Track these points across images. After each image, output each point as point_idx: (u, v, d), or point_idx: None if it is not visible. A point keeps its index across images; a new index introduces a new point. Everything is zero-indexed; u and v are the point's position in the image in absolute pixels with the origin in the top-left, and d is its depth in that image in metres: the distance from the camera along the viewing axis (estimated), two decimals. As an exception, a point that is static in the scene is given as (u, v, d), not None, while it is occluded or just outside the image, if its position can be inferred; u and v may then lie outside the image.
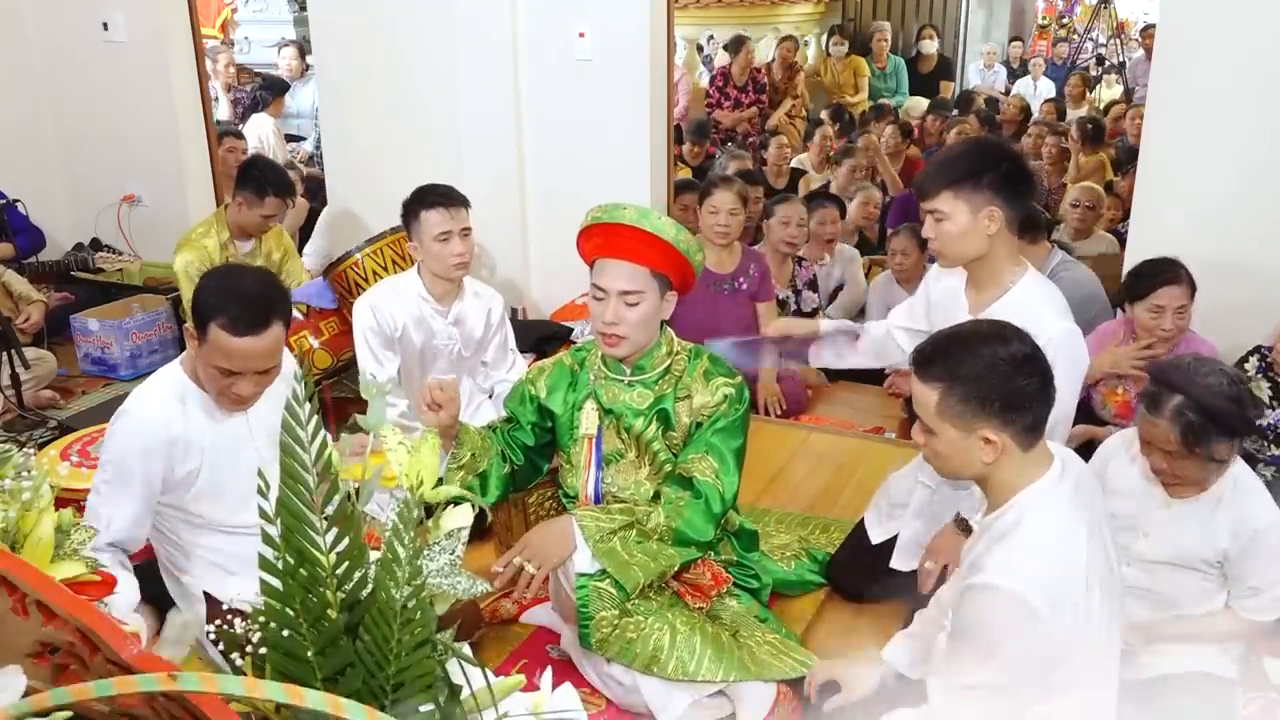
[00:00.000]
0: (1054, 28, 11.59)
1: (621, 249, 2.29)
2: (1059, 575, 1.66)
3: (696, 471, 2.32)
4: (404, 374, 3.22)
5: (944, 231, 2.35)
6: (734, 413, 2.36)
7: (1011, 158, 2.42)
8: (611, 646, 2.25)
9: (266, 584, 1.13)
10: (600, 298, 2.31)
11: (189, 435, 2.25)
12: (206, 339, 2.16)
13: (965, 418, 1.72)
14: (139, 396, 2.27)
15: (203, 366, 2.22)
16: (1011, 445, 1.72)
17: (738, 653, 2.26)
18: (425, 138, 4.57)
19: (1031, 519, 1.71)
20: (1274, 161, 3.34)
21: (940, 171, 2.35)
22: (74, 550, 1.43)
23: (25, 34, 5.10)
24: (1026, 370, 1.71)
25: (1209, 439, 2.08)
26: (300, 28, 8.03)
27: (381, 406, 1.30)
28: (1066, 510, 1.72)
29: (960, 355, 1.73)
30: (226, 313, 2.13)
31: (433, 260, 3.14)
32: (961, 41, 11.16)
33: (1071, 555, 1.68)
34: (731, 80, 7.90)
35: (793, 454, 3.54)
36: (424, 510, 1.22)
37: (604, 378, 2.42)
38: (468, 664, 1.21)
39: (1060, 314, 2.37)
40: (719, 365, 2.43)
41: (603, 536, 2.26)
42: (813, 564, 2.77)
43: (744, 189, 3.91)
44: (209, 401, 2.29)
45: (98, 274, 4.82)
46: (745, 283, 3.95)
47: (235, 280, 2.23)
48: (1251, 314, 3.28)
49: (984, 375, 1.70)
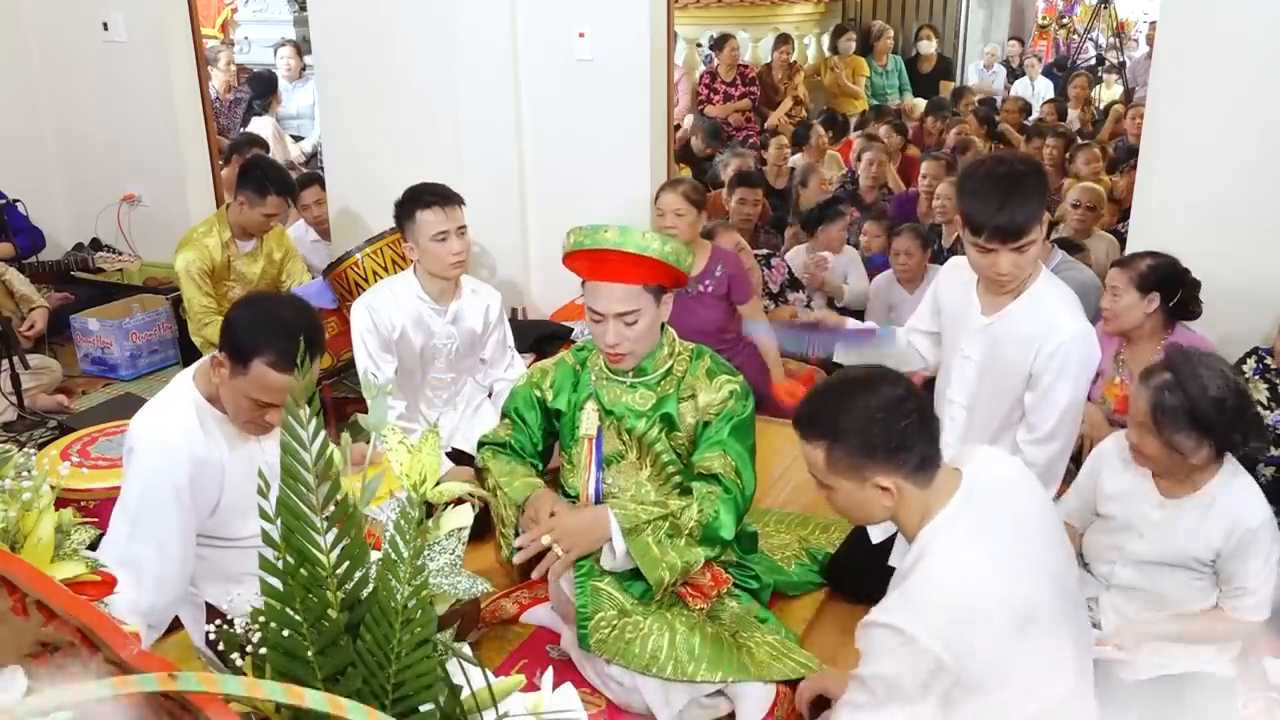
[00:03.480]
0: (1054, 28, 11.58)
1: (610, 272, 2.26)
2: (952, 610, 1.63)
3: (719, 468, 2.33)
4: (403, 375, 3.21)
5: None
6: (742, 410, 2.37)
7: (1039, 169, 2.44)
8: (610, 648, 2.24)
9: (266, 584, 1.13)
10: (598, 320, 2.30)
11: (209, 457, 2.20)
12: (247, 373, 2.10)
13: (855, 469, 1.73)
14: (155, 426, 2.19)
15: (233, 395, 2.16)
16: (907, 486, 1.72)
17: (737, 653, 2.26)
18: (425, 138, 4.57)
19: (928, 558, 1.69)
20: (1273, 161, 3.34)
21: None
22: (74, 550, 1.43)
23: (25, 34, 5.10)
24: (902, 411, 1.71)
25: (1174, 424, 2.11)
26: (300, 28, 8.03)
27: (383, 406, 1.30)
28: (964, 543, 1.69)
29: (836, 411, 1.74)
30: (274, 348, 2.07)
31: (430, 260, 3.13)
32: (961, 42, 11.17)
33: (967, 589, 1.65)
34: (719, 77, 7.92)
35: (793, 454, 3.53)
36: (424, 510, 1.22)
37: (605, 379, 2.42)
38: (468, 664, 1.21)
39: (1075, 313, 2.39)
40: (721, 364, 2.43)
41: (635, 528, 2.26)
42: (813, 564, 2.77)
43: (690, 190, 3.83)
44: (226, 422, 2.24)
45: (98, 274, 4.82)
46: (711, 284, 3.87)
47: (276, 313, 2.16)
48: (1250, 313, 3.28)
49: (863, 426, 1.71)
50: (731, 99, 7.88)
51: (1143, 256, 3.14)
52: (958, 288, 2.56)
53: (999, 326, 2.43)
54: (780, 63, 8.34)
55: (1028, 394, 2.42)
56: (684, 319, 3.70)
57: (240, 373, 2.12)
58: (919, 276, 4.49)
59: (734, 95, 7.90)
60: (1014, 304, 2.40)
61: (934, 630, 1.61)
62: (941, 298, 2.65)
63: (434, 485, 1.25)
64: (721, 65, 7.94)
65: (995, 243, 2.29)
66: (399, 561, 1.12)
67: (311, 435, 1.10)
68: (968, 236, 2.35)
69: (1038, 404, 2.40)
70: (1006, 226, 2.26)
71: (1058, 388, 2.36)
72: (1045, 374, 2.37)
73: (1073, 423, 2.45)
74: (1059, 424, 2.39)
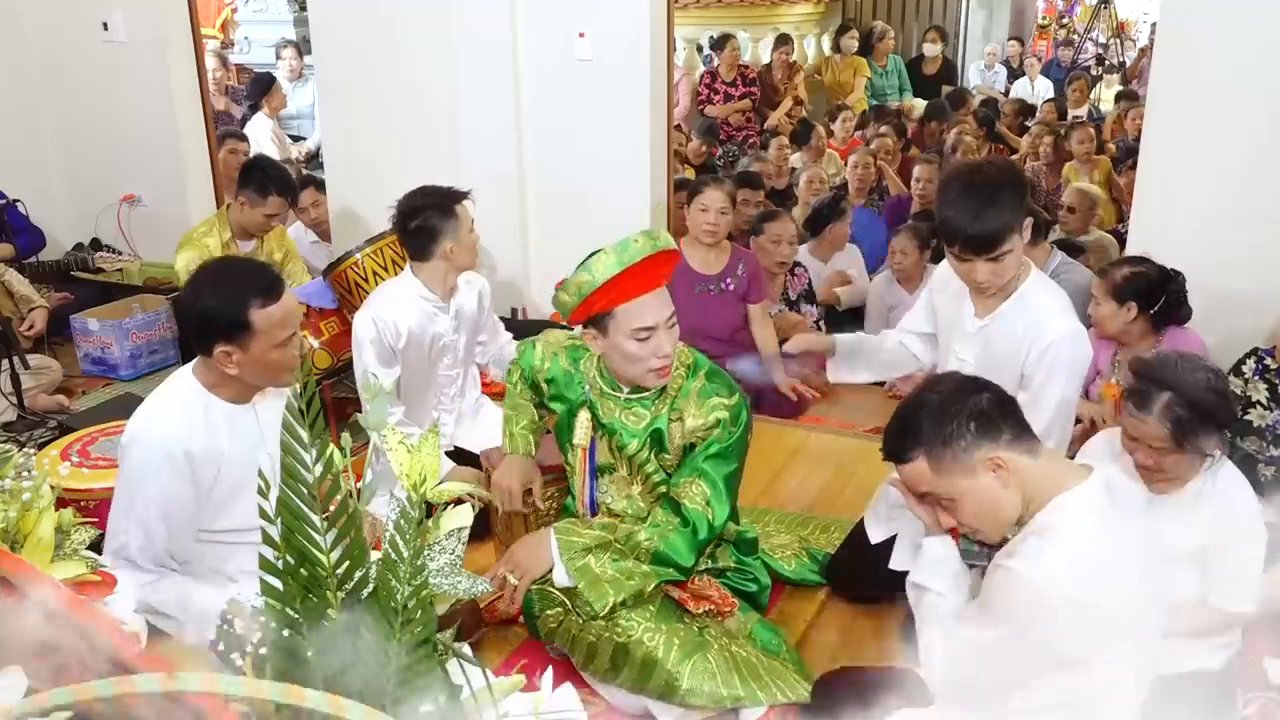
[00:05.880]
0: (1054, 28, 11.58)
1: (649, 280, 2.20)
2: (1086, 577, 1.65)
3: (686, 498, 2.29)
4: (411, 379, 3.19)
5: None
6: (728, 437, 2.29)
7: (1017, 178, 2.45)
8: (560, 638, 2.32)
9: (267, 584, 1.13)
10: (645, 337, 2.21)
11: (209, 446, 2.22)
12: (253, 332, 2.14)
13: (957, 459, 1.74)
14: (154, 417, 2.21)
15: (257, 364, 2.19)
16: (1015, 457, 1.74)
17: (735, 676, 2.22)
18: (425, 138, 4.57)
19: (1069, 520, 1.70)
20: (1273, 161, 3.34)
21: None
22: (74, 550, 1.43)
23: (25, 34, 5.10)
24: (970, 390, 1.77)
25: (1198, 433, 2.10)
26: (300, 28, 8.03)
27: (383, 407, 1.30)
28: (1104, 524, 1.71)
29: (910, 421, 1.80)
30: (251, 289, 2.14)
31: (466, 253, 3.13)
32: (961, 42, 11.17)
33: (1103, 566, 1.67)
34: (719, 77, 7.93)
35: (793, 454, 3.55)
36: (424, 510, 1.22)
37: (599, 392, 2.39)
38: (468, 664, 1.21)
39: (1065, 313, 2.39)
40: (716, 381, 2.34)
41: (576, 553, 2.28)
42: (813, 563, 2.77)
43: (734, 189, 3.89)
44: (229, 410, 2.26)
45: (98, 274, 4.82)
46: (733, 283, 3.91)
47: (221, 274, 2.25)
48: (1250, 314, 3.28)
49: (941, 416, 1.75)
50: (732, 99, 7.89)
51: (1120, 265, 3.17)
52: (953, 289, 2.56)
53: (992, 329, 2.44)
54: (780, 63, 8.34)
55: (1020, 394, 2.42)
56: (702, 317, 3.72)
57: (248, 338, 2.15)
58: (917, 276, 4.50)
59: (734, 95, 7.90)
60: (1005, 306, 2.41)
61: (1065, 588, 1.62)
62: (936, 299, 2.65)
63: (435, 485, 1.25)
64: (722, 65, 7.95)
65: (969, 254, 2.31)
66: (399, 561, 1.12)
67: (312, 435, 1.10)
68: (946, 246, 2.36)
69: (1030, 404, 2.40)
70: (979, 238, 2.27)
71: (1048, 387, 2.37)
72: (1036, 374, 2.38)
73: (1065, 421, 2.45)
74: (1051, 423, 2.39)
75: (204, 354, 2.22)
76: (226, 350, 2.16)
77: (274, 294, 2.16)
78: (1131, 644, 1.71)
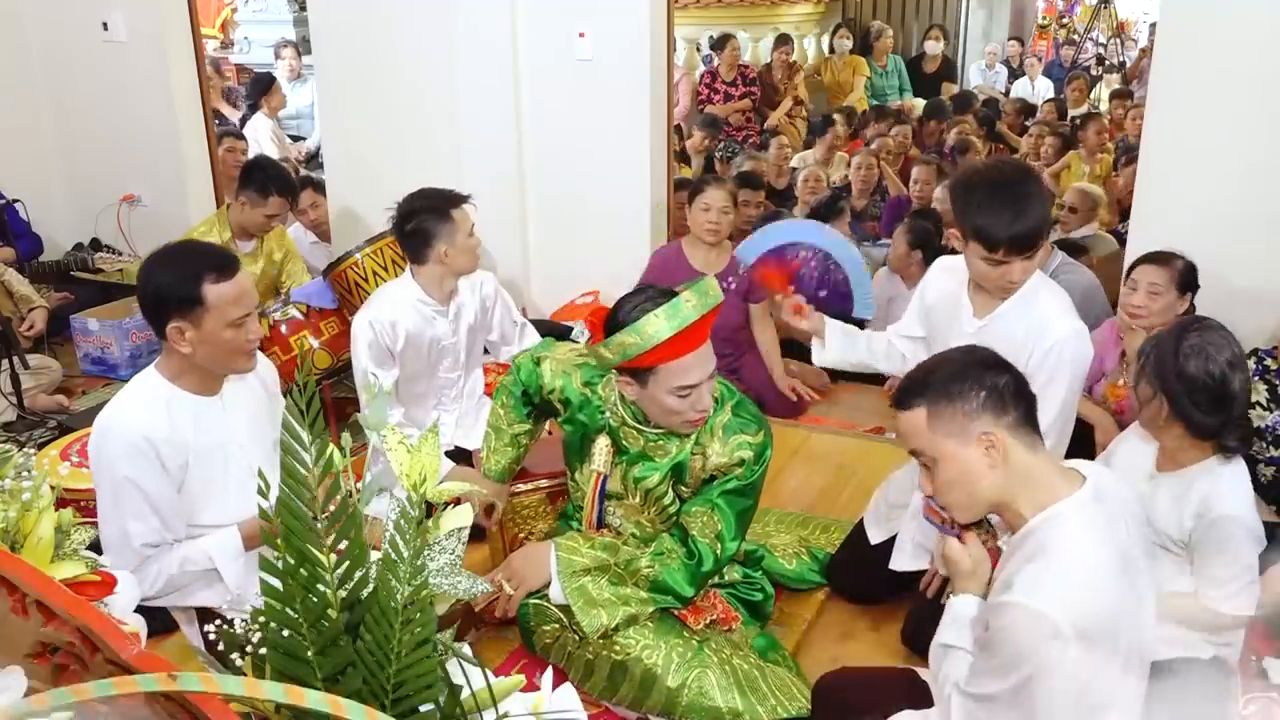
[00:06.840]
0: (1054, 28, 11.58)
1: (695, 339, 2.14)
2: (1089, 599, 1.61)
3: (695, 529, 2.27)
4: (412, 381, 3.19)
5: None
6: (749, 475, 2.27)
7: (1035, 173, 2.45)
8: (554, 655, 2.31)
9: (267, 584, 1.13)
10: (686, 394, 2.17)
11: (173, 438, 2.21)
12: (206, 307, 2.15)
13: (956, 423, 1.72)
14: (118, 410, 2.23)
15: (210, 342, 2.19)
16: (1011, 442, 1.71)
17: (734, 690, 2.21)
18: (425, 138, 4.57)
19: (1062, 539, 1.66)
20: (1273, 160, 3.34)
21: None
22: (74, 550, 1.43)
23: (25, 34, 5.10)
24: (995, 368, 1.76)
25: (1145, 369, 2.20)
26: (300, 28, 8.03)
27: (382, 407, 1.30)
28: (1097, 537, 1.67)
29: (930, 373, 1.79)
30: (205, 264, 2.16)
31: (465, 258, 3.08)
32: (962, 42, 11.17)
33: (1100, 582, 1.63)
34: (719, 77, 7.93)
35: (793, 454, 3.54)
36: (424, 510, 1.22)
37: (623, 423, 2.35)
38: (468, 664, 1.21)
39: (1067, 312, 2.39)
40: (743, 415, 2.30)
41: (574, 573, 2.26)
42: (813, 564, 2.76)
43: (735, 188, 3.87)
44: (194, 402, 2.26)
45: (97, 274, 4.82)
46: (734, 282, 3.91)
47: (181, 252, 2.28)
48: (1251, 313, 3.28)
49: (957, 377, 1.74)
50: (732, 99, 7.89)
51: (1174, 256, 3.12)
52: (947, 290, 2.54)
53: (992, 328, 2.42)
54: (780, 63, 8.34)
55: None
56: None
57: (200, 313, 2.15)
58: (912, 271, 4.49)
59: (734, 95, 7.90)
60: (1005, 305, 2.40)
61: (1070, 613, 1.58)
62: (929, 299, 2.64)
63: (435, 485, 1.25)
64: (722, 65, 7.95)
65: (1012, 254, 2.28)
66: (399, 561, 1.12)
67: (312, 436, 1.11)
68: (978, 251, 2.31)
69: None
70: (1022, 237, 2.25)
71: (1051, 388, 2.36)
72: (1039, 374, 2.36)
73: (1066, 422, 2.45)
74: (1053, 423, 2.39)
75: (160, 334, 2.22)
76: (179, 326, 2.17)
77: (228, 271, 2.18)
78: (1134, 657, 1.68)
